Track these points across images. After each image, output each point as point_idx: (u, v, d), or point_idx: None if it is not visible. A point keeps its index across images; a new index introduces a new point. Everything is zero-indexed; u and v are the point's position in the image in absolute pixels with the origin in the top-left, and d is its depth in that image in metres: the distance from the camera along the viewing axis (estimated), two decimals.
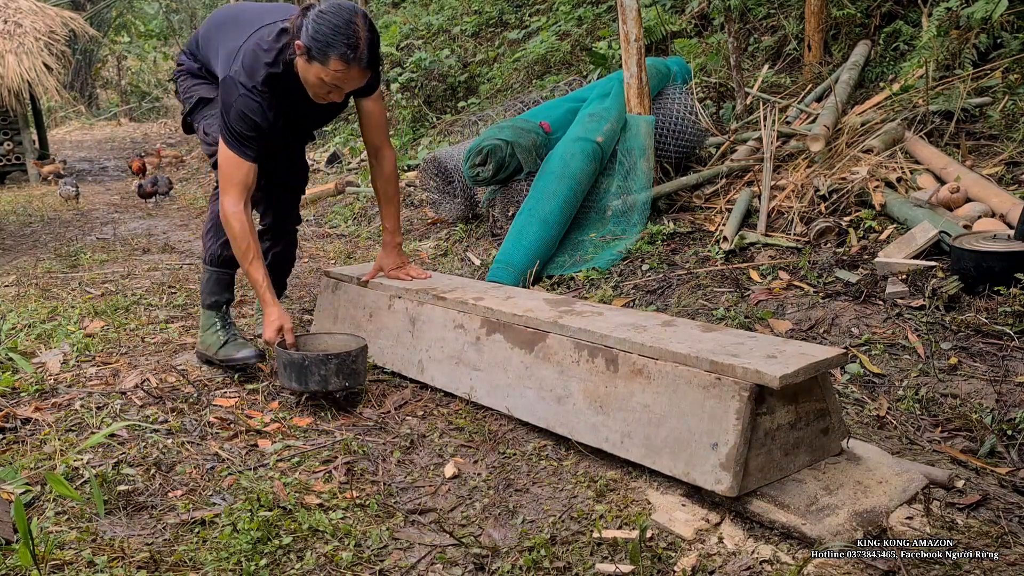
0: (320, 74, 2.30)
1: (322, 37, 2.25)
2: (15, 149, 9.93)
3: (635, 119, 3.95)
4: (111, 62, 21.47)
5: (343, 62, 2.27)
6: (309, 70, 2.32)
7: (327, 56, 2.26)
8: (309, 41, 2.27)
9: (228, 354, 2.62)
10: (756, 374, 1.64)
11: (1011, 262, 2.54)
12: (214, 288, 2.67)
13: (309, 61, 2.30)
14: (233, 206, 2.42)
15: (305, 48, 2.29)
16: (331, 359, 2.31)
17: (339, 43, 2.25)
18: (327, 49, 2.25)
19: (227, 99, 2.38)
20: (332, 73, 2.29)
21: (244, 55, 2.39)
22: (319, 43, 2.26)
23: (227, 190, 2.43)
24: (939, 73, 4.20)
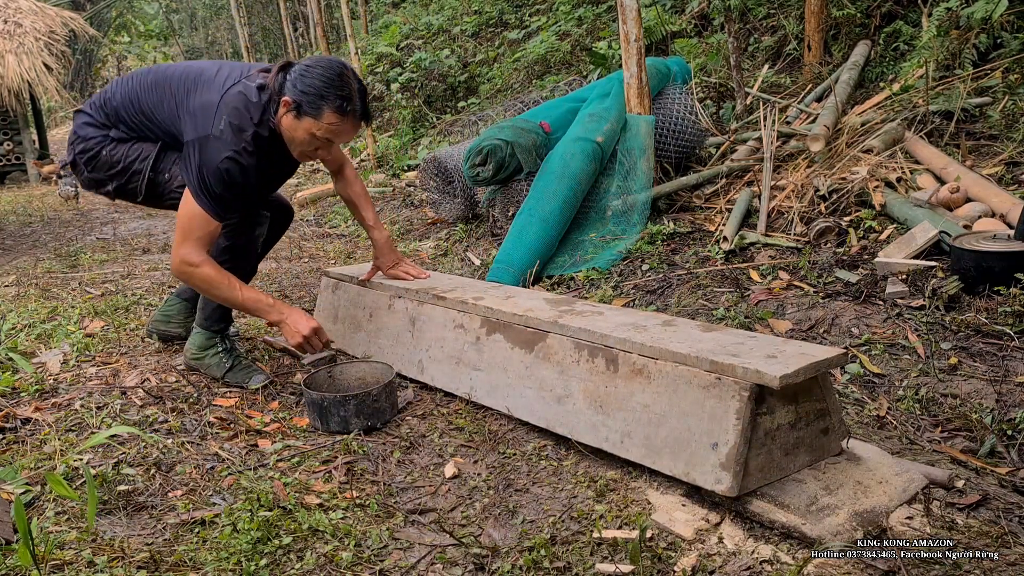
0: (312, 129, 2.26)
1: (314, 90, 2.22)
2: (15, 149, 9.93)
3: (635, 119, 3.95)
4: (111, 62, 21.47)
5: (338, 114, 2.24)
6: (298, 126, 2.27)
7: (320, 109, 2.23)
8: (299, 95, 2.23)
9: (238, 380, 2.60)
10: (756, 374, 1.64)
11: (1011, 262, 2.54)
12: (221, 315, 2.62)
13: (299, 116, 2.25)
14: (197, 255, 2.28)
15: (295, 103, 2.24)
16: (349, 400, 2.23)
17: (332, 95, 2.22)
18: (320, 102, 2.22)
19: (207, 158, 2.24)
20: (325, 127, 2.25)
21: (229, 114, 2.27)
22: (311, 96, 2.22)
23: (187, 242, 2.27)
24: (939, 73, 4.20)
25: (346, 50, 9.82)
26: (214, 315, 2.61)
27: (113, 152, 2.47)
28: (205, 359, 2.63)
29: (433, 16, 9.91)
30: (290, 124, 2.29)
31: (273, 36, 18.07)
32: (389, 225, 5.23)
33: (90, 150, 2.49)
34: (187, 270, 2.28)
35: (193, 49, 25.61)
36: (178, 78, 2.41)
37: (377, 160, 7.30)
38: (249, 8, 16.53)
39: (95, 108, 2.53)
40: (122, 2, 20.39)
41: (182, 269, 2.29)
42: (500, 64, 8.07)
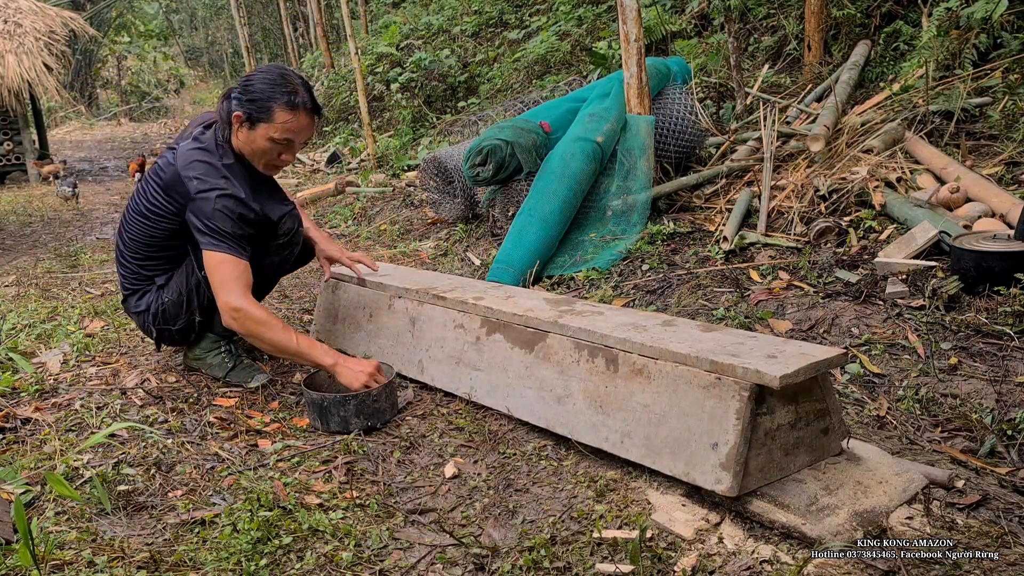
0: (269, 133, 2.28)
1: (259, 95, 2.25)
2: (15, 149, 9.93)
3: (635, 119, 3.95)
4: (111, 62, 21.47)
5: (289, 110, 2.26)
6: (255, 136, 2.29)
7: (271, 111, 2.25)
8: (247, 106, 2.26)
9: (241, 379, 2.60)
10: (756, 374, 1.64)
11: (1011, 262, 2.54)
12: None
13: (253, 126, 2.28)
14: (240, 299, 2.26)
15: (246, 115, 2.27)
16: (350, 400, 2.23)
17: (278, 93, 2.25)
18: (268, 103, 2.25)
19: (206, 210, 2.25)
20: (280, 126, 2.27)
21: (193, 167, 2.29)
22: (258, 102, 2.25)
23: (231, 289, 2.25)
24: (939, 73, 4.20)
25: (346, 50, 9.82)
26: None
27: (169, 294, 2.50)
28: (207, 359, 2.63)
29: (433, 16, 9.92)
30: (247, 137, 2.31)
31: (273, 36, 18.08)
32: (389, 225, 5.23)
33: (157, 313, 2.51)
34: (236, 316, 2.25)
35: (193, 49, 25.63)
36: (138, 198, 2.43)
37: (377, 160, 7.30)
38: (249, 8, 16.54)
39: (128, 282, 2.57)
40: (122, 2, 20.40)
41: (232, 317, 2.26)
42: (500, 64, 8.07)
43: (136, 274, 2.54)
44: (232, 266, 2.26)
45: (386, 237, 4.97)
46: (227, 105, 2.31)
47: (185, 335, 2.58)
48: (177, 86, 23.44)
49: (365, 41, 10.59)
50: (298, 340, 2.31)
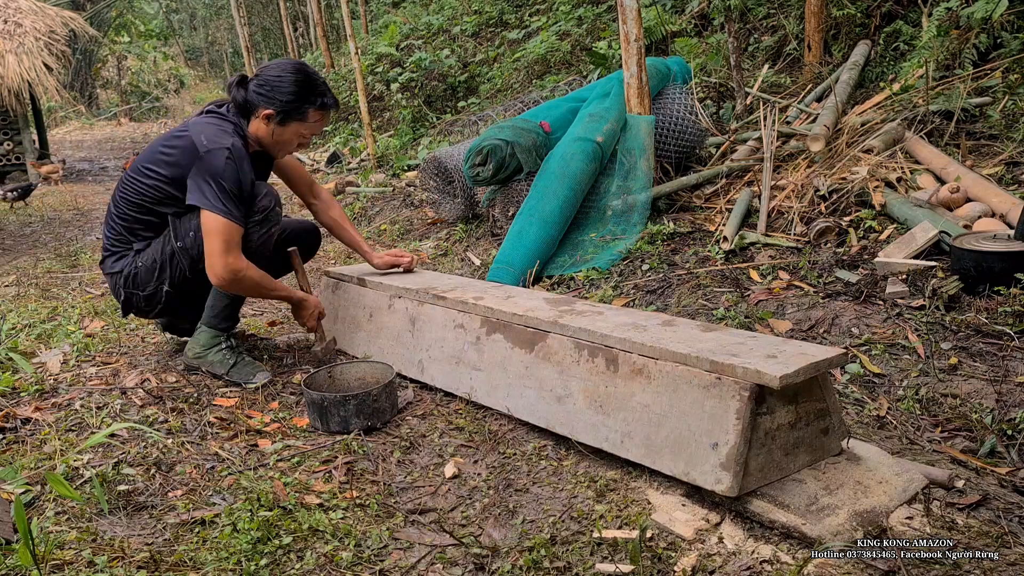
0: (300, 130, 2.50)
1: (294, 97, 2.43)
2: (15, 149, 9.93)
3: (635, 119, 3.95)
4: (111, 62, 21.47)
5: (321, 111, 2.50)
6: (284, 132, 2.49)
7: (304, 111, 2.46)
8: (281, 105, 2.44)
9: (244, 376, 2.61)
10: (756, 374, 1.64)
11: (1011, 262, 2.54)
12: (229, 314, 2.64)
13: (284, 124, 2.47)
14: (240, 261, 2.41)
15: (279, 112, 2.44)
16: (349, 400, 2.24)
17: (312, 96, 2.46)
18: (304, 106, 2.45)
19: (216, 167, 2.35)
20: (312, 125, 2.51)
21: (205, 130, 2.42)
22: (293, 103, 2.44)
23: (227, 252, 2.37)
24: (939, 73, 4.20)
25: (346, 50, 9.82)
26: (222, 313, 2.62)
27: (144, 259, 2.57)
28: (208, 356, 2.63)
29: (433, 16, 9.92)
30: (275, 132, 2.49)
31: (273, 36, 18.08)
32: (389, 225, 5.23)
33: (129, 275, 2.59)
34: (237, 276, 2.41)
35: (193, 49, 25.63)
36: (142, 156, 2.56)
37: (377, 160, 7.30)
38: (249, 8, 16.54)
39: (109, 243, 2.64)
40: (122, 2, 20.39)
41: (233, 277, 2.41)
42: (500, 64, 8.07)
43: (119, 236, 2.61)
44: (231, 230, 2.38)
45: (386, 237, 4.97)
46: (244, 95, 2.46)
47: (151, 304, 2.63)
48: (177, 86, 23.44)
49: (365, 41, 10.59)
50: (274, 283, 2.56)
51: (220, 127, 2.45)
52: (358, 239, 2.90)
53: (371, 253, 2.87)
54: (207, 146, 2.38)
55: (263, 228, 2.52)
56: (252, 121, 2.49)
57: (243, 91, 2.47)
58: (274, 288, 2.56)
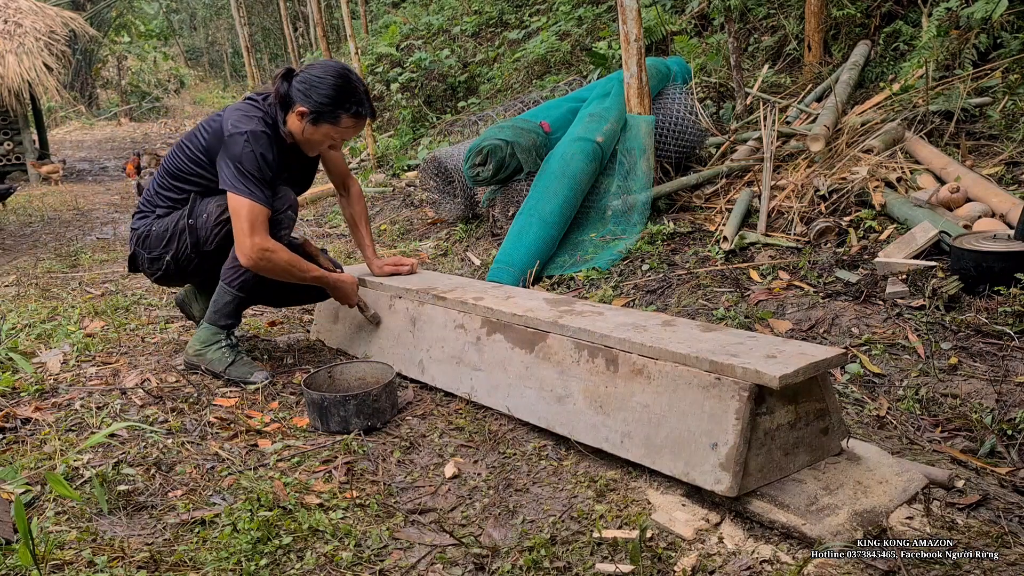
0: (330, 133, 2.52)
1: (330, 100, 2.45)
2: (15, 149, 9.93)
3: (635, 119, 3.95)
4: (111, 62, 21.47)
5: (354, 118, 2.51)
6: (317, 131, 2.51)
7: (338, 116, 2.48)
8: (316, 106, 2.46)
9: (241, 375, 2.61)
10: (756, 374, 1.64)
11: (1011, 262, 2.54)
12: (232, 312, 2.63)
13: (316, 123, 2.49)
14: (269, 241, 2.45)
15: (312, 112, 2.47)
16: (349, 400, 2.23)
17: (348, 103, 2.47)
18: (338, 110, 2.47)
19: (235, 151, 2.43)
20: (343, 130, 2.52)
21: (234, 116, 2.50)
22: (328, 106, 2.46)
23: (254, 233, 2.42)
24: (939, 73, 4.20)
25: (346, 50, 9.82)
26: (224, 310, 2.61)
27: (159, 225, 2.66)
28: (207, 353, 2.63)
29: (433, 16, 9.92)
30: (308, 130, 2.51)
31: (273, 36, 18.08)
32: (389, 225, 5.23)
33: (143, 234, 2.69)
34: (267, 256, 2.44)
35: (193, 49, 25.63)
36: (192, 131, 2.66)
37: (377, 160, 7.30)
38: (249, 8, 16.55)
39: (142, 202, 2.76)
40: (122, 2, 20.39)
41: (262, 256, 2.44)
42: (500, 64, 8.07)
43: (150, 198, 2.72)
44: (257, 212, 2.43)
45: (386, 237, 4.97)
46: (286, 89, 2.49)
47: (152, 268, 2.71)
48: (177, 86, 23.44)
49: (365, 41, 10.59)
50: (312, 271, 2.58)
51: (247, 113, 2.51)
52: (366, 242, 2.91)
53: (373, 259, 2.88)
54: (230, 131, 2.46)
55: (274, 230, 2.52)
56: (289, 115, 2.53)
57: (286, 84, 2.51)
58: (307, 270, 2.55)
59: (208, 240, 2.58)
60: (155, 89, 22.00)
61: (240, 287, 2.57)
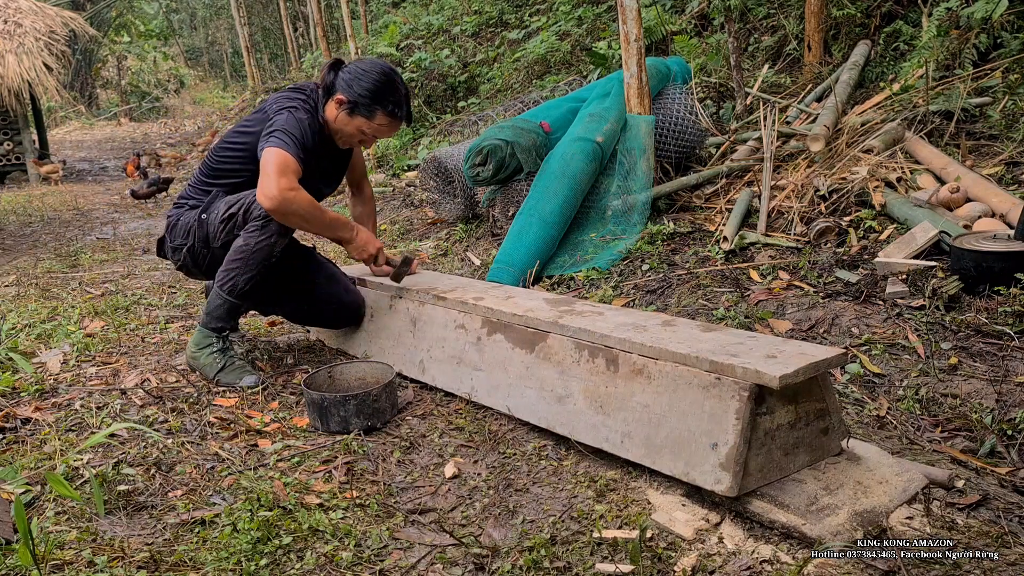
0: (363, 127, 2.56)
1: (369, 94, 2.50)
2: (15, 149, 9.93)
3: (635, 119, 3.95)
4: (111, 62, 21.47)
5: (389, 117, 2.55)
6: (350, 122, 2.56)
7: (374, 112, 2.53)
8: (355, 97, 2.51)
9: (229, 381, 2.58)
10: (756, 374, 1.64)
11: (1011, 262, 2.54)
12: (224, 315, 2.60)
13: (352, 115, 2.54)
14: (294, 184, 2.40)
15: (350, 103, 2.52)
16: (349, 400, 2.23)
17: (386, 101, 2.52)
18: (375, 106, 2.52)
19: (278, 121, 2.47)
20: (376, 127, 2.56)
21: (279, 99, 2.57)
22: (366, 99, 2.51)
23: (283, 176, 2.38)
24: (939, 73, 4.20)
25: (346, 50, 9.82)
26: (215, 313, 2.59)
27: (186, 217, 2.69)
28: (200, 358, 2.62)
29: (433, 16, 9.91)
30: (343, 119, 2.57)
31: (273, 36, 18.07)
32: (389, 225, 5.23)
33: (172, 223, 2.72)
34: (290, 195, 2.39)
35: (193, 49, 25.63)
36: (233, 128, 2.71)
37: (377, 160, 7.30)
38: (249, 8, 16.55)
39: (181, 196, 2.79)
40: (122, 2, 20.39)
41: (285, 196, 2.37)
42: (500, 64, 8.07)
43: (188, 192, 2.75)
44: (290, 162, 2.41)
45: (386, 237, 4.97)
46: (332, 79, 2.56)
47: (174, 257, 2.74)
48: (177, 86, 23.44)
49: (365, 41, 10.58)
50: (331, 218, 2.56)
51: (290, 97, 2.57)
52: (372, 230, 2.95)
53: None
54: (276, 108, 2.52)
55: (263, 233, 2.49)
56: (329, 102, 2.57)
57: (332, 74, 2.56)
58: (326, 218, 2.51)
59: (216, 236, 2.59)
60: (155, 89, 22.01)
61: (230, 291, 2.54)
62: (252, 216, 2.49)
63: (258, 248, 2.50)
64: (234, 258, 2.51)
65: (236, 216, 2.52)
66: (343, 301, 2.77)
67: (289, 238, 2.60)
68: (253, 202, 2.48)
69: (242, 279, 2.52)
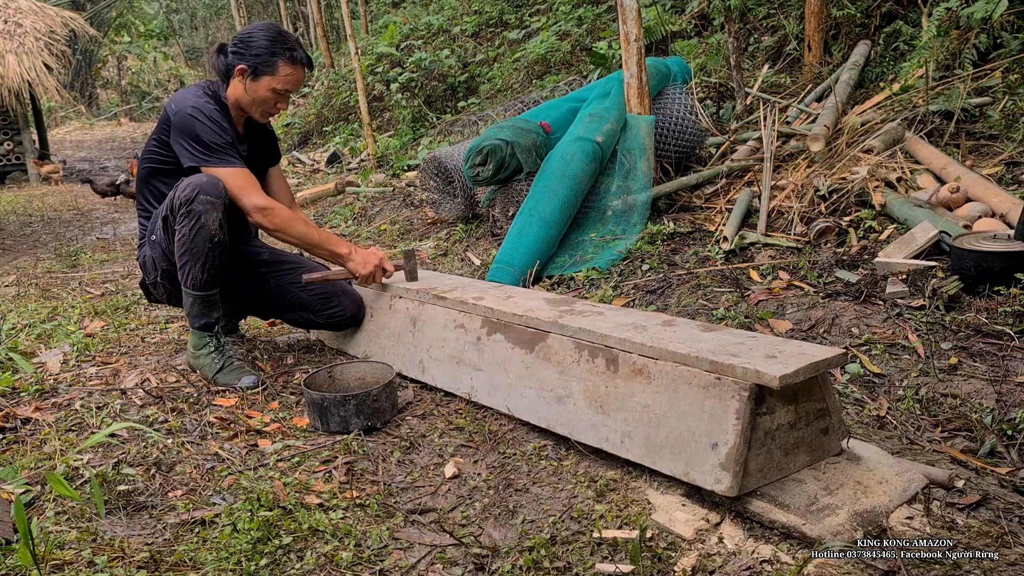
0: (272, 84, 2.53)
1: (264, 50, 2.50)
2: (15, 149, 9.93)
3: (635, 119, 3.95)
4: (111, 62, 21.47)
5: (291, 64, 2.53)
6: (258, 87, 2.54)
7: (275, 65, 2.51)
8: (252, 60, 2.51)
9: (228, 381, 2.57)
10: (756, 374, 1.64)
11: (1011, 262, 2.54)
12: (201, 310, 2.57)
13: (256, 78, 2.53)
14: (263, 199, 2.52)
15: (250, 68, 2.52)
16: (349, 400, 2.23)
17: (280, 50, 2.51)
18: (273, 59, 2.51)
19: (186, 127, 2.48)
20: (282, 78, 2.53)
21: (174, 100, 2.56)
22: (263, 56, 2.50)
23: (249, 193, 2.50)
24: (939, 73, 4.20)
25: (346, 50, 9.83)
26: (191, 312, 2.57)
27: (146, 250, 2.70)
28: (200, 359, 2.62)
29: (433, 16, 9.92)
30: (250, 88, 2.55)
31: None
32: (389, 225, 5.23)
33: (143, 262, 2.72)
34: (266, 214, 2.51)
35: (193, 49, 25.62)
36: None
37: (377, 160, 7.30)
38: (249, 8, 16.54)
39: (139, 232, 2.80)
40: (122, 2, 20.38)
41: (262, 215, 2.51)
42: (500, 64, 8.07)
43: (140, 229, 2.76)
44: (237, 175, 2.50)
45: (386, 237, 4.97)
46: (223, 59, 2.56)
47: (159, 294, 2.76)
48: (177, 86, 23.43)
49: (365, 41, 10.59)
50: (318, 233, 2.63)
51: (186, 92, 2.56)
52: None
53: None
54: (174, 109, 2.50)
55: (191, 218, 2.44)
56: (231, 84, 2.56)
57: (223, 57, 2.56)
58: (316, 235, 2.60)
59: (168, 248, 2.57)
60: (155, 89, 22.00)
61: (192, 285, 2.52)
62: (175, 209, 2.48)
63: (195, 233, 2.46)
64: (180, 253, 2.50)
65: (168, 218, 2.52)
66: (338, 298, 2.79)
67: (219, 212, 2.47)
68: (172, 196, 2.49)
69: (196, 268, 2.50)
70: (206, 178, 2.47)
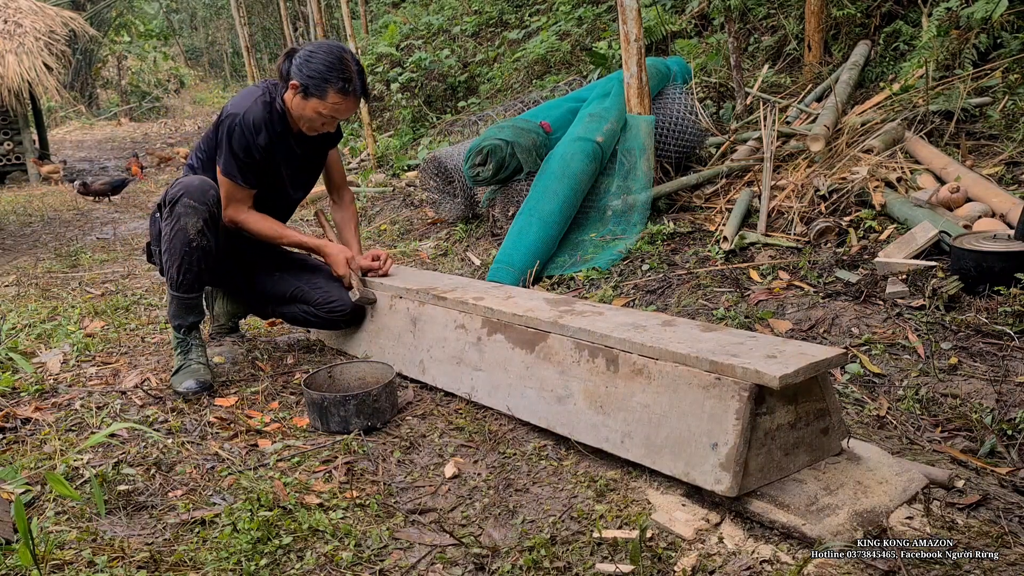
0: (318, 108, 2.54)
1: (318, 74, 2.50)
2: (15, 149, 9.93)
3: (635, 119, 3.95)
4: (111, 62, 21.46)
5: (341, 95, 2.53)
6: (306, 106, 2.55)
7: (325, 91, 2.51)
8: (305, 79, 2.51)
9: (173, 384, 2.55)
10: (756, 374, 1.64)
11: (1011, 262, 2.54)
12: (176, 311, 2.57)
13: (306, 98, 2.54)
14: (239, 214, 2.65)
15: (302, 86, 2.53)
16: (349, 400, 2.23)
17: (335, 78, 2.50)
18: (324, 85, 2.50)
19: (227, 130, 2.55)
20: (330, 106, 2.53)
21: (234, 99, 2.63)
22: (315, 80, 2.50)
23: (229, 207, 2.63)
24: (939, 73, 4.20)
25: None
26: (170, 311, 2.60)
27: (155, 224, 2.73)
28: (173, 357, 2.67)
29: (433, 16, 9.91)
30: (298, 104, 2.57)
31: (273, 36, 18.06)
32: (389, 225, 5.23)
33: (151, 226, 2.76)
34: (236, 226, 2.67)
35: (193, 49, 25.62)
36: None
37: (377, 160, 7.30)
38: (249, 8, 16.53)
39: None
40: (122, 2, 20.38)
41: (234, 226, 2.67)
42: (500, 64, 8.07)
43: None
44: (231, 188, 2.61)
45: (386, 237, 4.97)
46: (287, 66, 2.58)
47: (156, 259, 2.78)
48: (177, 86, 23.43)
49: (365, 41, 10.58)
50: (285, 231, 2.74)
51: (246, 94, 2.62)
52: (353, 244, 2.93)
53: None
54: (228, 111, 2.57)
55: (172, 219, 2.48)
56: (287, 92, 2.59)
57: (288, 62, 2.58)
58: (284, 234, 2.73)
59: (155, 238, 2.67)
60: (155, 89, 21.99)
61: (171, 284, 2.55)
62: (164, 204, 2.53)
63: (174, 235, 2.48)
64: (163, 249, 2.54)
65: (162, 209, 2.57)
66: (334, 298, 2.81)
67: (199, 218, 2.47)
68: (166, 192, 2.54)
69: (173, 268, 2.51)
70: (198, 181, 2.52)
